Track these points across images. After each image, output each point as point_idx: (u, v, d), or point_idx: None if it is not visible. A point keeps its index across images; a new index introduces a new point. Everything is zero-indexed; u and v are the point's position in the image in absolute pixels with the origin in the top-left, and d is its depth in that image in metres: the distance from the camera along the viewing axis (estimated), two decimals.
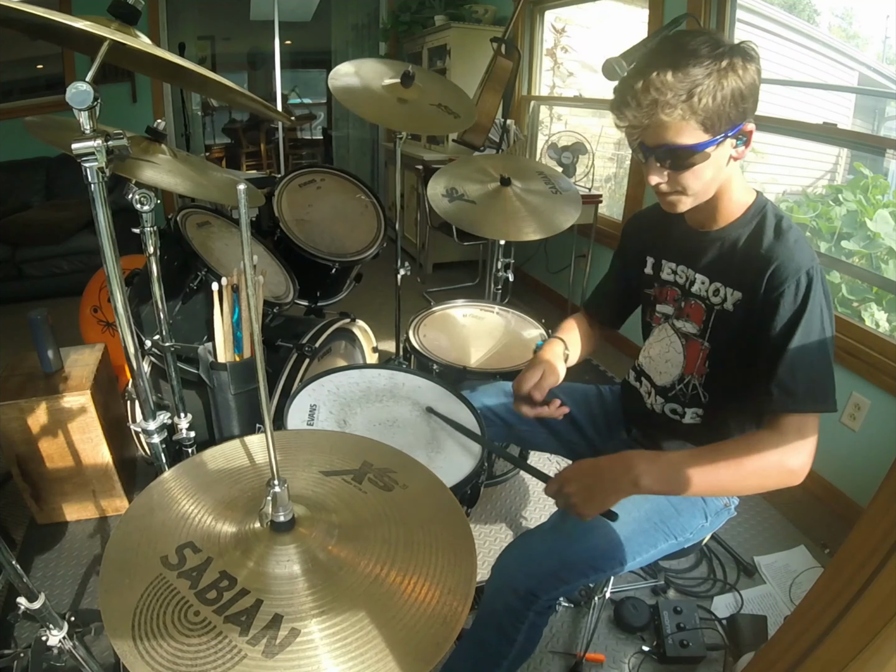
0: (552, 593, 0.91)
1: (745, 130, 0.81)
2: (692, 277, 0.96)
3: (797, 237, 0.84)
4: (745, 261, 0.87)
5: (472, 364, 1.57)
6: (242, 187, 0.46)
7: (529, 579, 0.90)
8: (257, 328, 0.53)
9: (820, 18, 2.26)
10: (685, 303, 0.98)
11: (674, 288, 1.00)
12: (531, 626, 0.92)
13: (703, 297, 0.94)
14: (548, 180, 1.77)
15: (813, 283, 0.80)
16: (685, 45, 0.77)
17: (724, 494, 0.98)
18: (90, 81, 0.66)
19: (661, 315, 1.04)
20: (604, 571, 0.95)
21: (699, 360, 0.96)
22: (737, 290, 0.89)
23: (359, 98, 1.63)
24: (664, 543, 0.98)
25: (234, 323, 1.33)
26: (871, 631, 0.56)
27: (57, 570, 1.51)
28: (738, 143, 0.82)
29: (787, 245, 0.83)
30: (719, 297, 0.91)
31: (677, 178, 0.84)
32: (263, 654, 0.47)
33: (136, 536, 0.58)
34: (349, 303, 1.96)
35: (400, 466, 0.70)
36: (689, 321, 0.97)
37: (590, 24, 3.37)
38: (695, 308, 0.96)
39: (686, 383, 1.00)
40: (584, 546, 0.94)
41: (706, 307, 0.94)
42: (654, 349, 1.06)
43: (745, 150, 0.84)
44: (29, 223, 3.20)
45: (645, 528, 0.96)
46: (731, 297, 0.90)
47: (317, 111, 6.76)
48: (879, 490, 0.62)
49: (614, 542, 0.94)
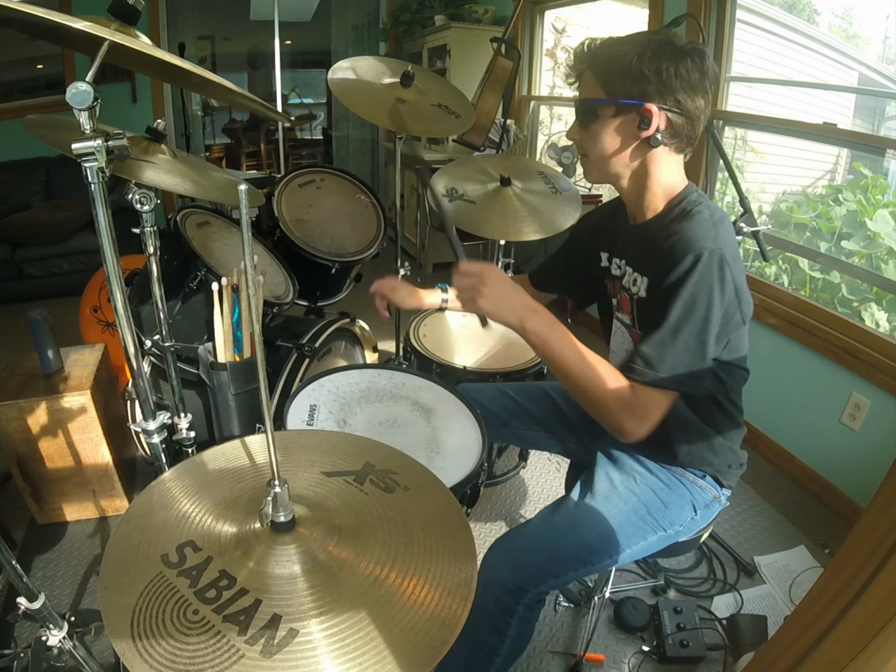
0: (540, 587, 0.92)
1: (646, 108, 0.81)
2: (624, 269, 0.98)
3: (702, 220, 0.82)
4: (652, 246, 0.87)
5: (472, 364, 1.57)
6: (243, 187, 0.47)
7: (517, 573, 0.91)
8: (257, 328, 0.53)
9: (820, 18, 2.26)
10: (620, 295, 0.99)
11: (617, 281, 1.01)
12: (521, 620, 0.93)
13: (626, 288, 0.96)
14: (548, 180, 1.77)
15: (700, 265, 0.77)
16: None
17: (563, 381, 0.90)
18: (90, 81, 0.66)
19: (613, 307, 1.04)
20: (592, 564, 0.96)
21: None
22: (644, 276, 0.90)
23: (358, 98, 1.63)
24: (653, 536, 0.99)
25: (234, 323, 1.33)
26: (871, 631, 0.56)
27: (57, 570, 1.51)
28: (641, 122, 0.82)
29: (684, 225, 0.82)
30: (636, 286, 0.93)
31: (584, 137, 0.90)
32: (261, 653, 0.47)
33: (137, 535, 0.58)
34: (349, 303, 1.96)
35: (401, 468, 0.70)
36: (624, 313, 0.99)
37: (590, 24, 3.37)
38: (624, 299, 0.98)
39: None
40: (571, 540, 0.95)
41: (629, 296, 0.95)
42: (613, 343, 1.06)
43: (652, 134, 0.83)
44: (29, 223, 3.20)
45: (632, 521, 0.97)
46: (641, 283, 0.91)
47: (317, 111, 6.76)
48: (879, 490, 0.62)
49: (602, 535, 0.95)
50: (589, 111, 0.87)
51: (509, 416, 1.23)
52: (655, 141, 0.84)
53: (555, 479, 1.92)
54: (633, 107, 0.82)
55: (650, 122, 0.82)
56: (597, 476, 1.03)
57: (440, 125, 1.74)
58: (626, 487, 1.01)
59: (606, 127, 0.86)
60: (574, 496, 1.02)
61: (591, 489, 1.01)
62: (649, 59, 0.80)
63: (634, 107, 0.82)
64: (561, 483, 1.88)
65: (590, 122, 0.88)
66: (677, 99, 0.81)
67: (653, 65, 0.80)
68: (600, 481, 1.02)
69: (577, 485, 1.04)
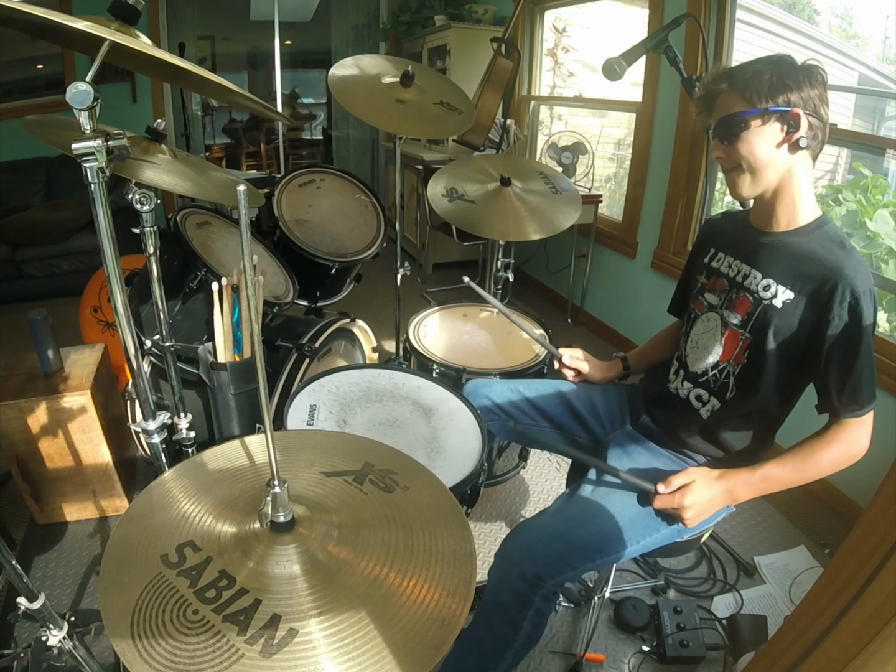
0: (558, 578, 0.93)
1: (793, 113, 0.88)
2: (746, 272, 1.01)
3: (861, 259, 0.91)
4: (805, 266, 0.92)
5: (472, 364, 1.57)
6: (242, 188, 0.47)
7: (536, 563, 0.92)
8: (257, 328, 0.53)
9: (820, 18, 2.26)
10: (734, 294, 1.02)
11: (723, 279, 1.06)
12: (536, 612, 0.93)
13: (752, 291, 0.99)
14: (548, 180, 1.77)
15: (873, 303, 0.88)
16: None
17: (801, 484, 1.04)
18: (90, 81, 0.66)
19: (706, 304, 1.08)
20: (609, 555, 0.97)
21: (738, 349, 1.01)
22: (790, 290, 0.94)
23: (358, 99, 1.62)
24: (666, 529, 1.00)
25: (234, 323, 1.34)
26: (871, 631, 0.56)
27: (57, 570, 1.51)
28: (788, 127, 0.89)
29: (853, 263, 0.89)
30: (770, 292, 0.96)
31: (731, 152, 0.94)
32: (261, 653, 0.47)
33: (137, 536, 0.58)
34: (349, 303, 1.96)
35: (401, 468, 0.70)
36: (733, 312, 1.02)
37: (590, 24, 3.37)
38: (742, 300, 1.01)
39: (720, 370, 1.04)
40: (590, 530, 0.96)
41: (754, 300, 0.99)
42: (698, 338, 1.09)
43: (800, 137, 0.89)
44: (29, 223, 3.20)
45: (648, 511, 0.99)
46: (781, 294, 0.95)
47: (317, 111, 6.76)
48: (879, 490, 0.62)
49: (619, 526, 0.97)
50: (737, 124, 0.92)
51: (517, 412, 1.24)
52: (804, 142, 0.90)
53: (555, 479, 1.92)
54: (782, 113, 0.89)
55: (798, 124, 0.89)
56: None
57: (441, 125, 1.73)
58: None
59: (757, 134, 0.91)
60: (587, 488, 1.03)
61: (605, 481, 1.03)
62: (787, 73, 0.89)
63: (783, 113, 0.89)
64: (561, 483, 1.88)
65: (738, 133, 0.92)
66: (815, 105, 0.89)
67: (791, 77, 0.88)
68: None
69: (590, 476, 1.05)
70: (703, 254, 1.13)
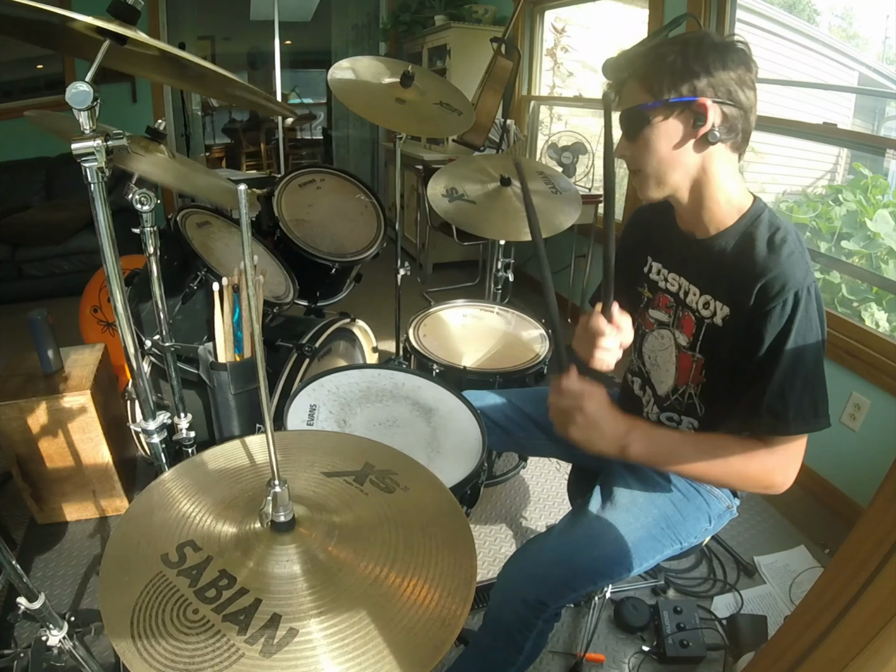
0: (560, 601, 0.91)
1: (700, 103, 0.77)
2: (686, 288, 0.93)
3: (791, 251, 0.79)
4: (734, 274, 0.83)
5: (472, 364, 1.57)
6: (243, 188, 0.46)
7: (539, 588, 0.90)
8: (257, 328, 0.53)
9: (820, 18, 2.26)
10: (680, 312, 0.95)
11: (667, 295, 0.98)
12: (539, 633, 0.93)
13: (693, 310, 0.91)
14: (548, 180, 1.77)
15: (802, 303, 0.77)
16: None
17: (698, 481, 0.97)
18: (90, 81, 0.66)
19: (654, 321, 1.01)
20: (611, 577, 0.95)
21: (693, 370, 0.94)
22: (726, 305, 0.86)
23: (358, 98, 1.63)
24: (669, 549, 0.98)
25: (234, 323, 1.34)
26: (871, 631, 0.56)
27: (57, 570, 1.51)
28: (696, 120, 0.78)
29: (778, 260, 0.79)
30: (709, 310, 0.88)
31: (635, 153, 0.84)
32: (261, 653, 0.47)
33: (137, 535, 0.58)
34: (349, 303, 1.96)
35: (401, 468, 0.70)
36: (682, 332, 0.94)
37: (590, 24, 3.37)
38: (686, 319, 0.93)
39: (681, 393, 0.97)
40: (594, 554, 0.93)
41: (696, 319, 0.91)
42: (655, 354, 1.03)
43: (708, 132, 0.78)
44: (29, 223, 3.20)
45: (653, 534, 0.96)
46: (720, 311, 0.87)
47: (317, 111, 6.76)
48: (879, 490, 0.62)
49: (623, 549, 0.93)
50: (638, 119, 0.81)
51: (512, 426, 1.19)
52: (714, 136, 0.78)
53: (555, 478, 1.92)
54: (686, 104, 0.78)
55: (706, 116, 0.77)
56: (616, 486, 1.00)
57: (440, 125, 1.74)
58: (646, 499, 0.98)
59: (659, 131, 0.81)
60: (593, 507, 0.99)
61: (611, 500, 0.99)
62: (693, 55, 0.77)
63: (687, 104, 0.78)
64: (561, 483, 1.88)
65: (639, 129, 0.82)
66: (729, 90, 0.77)
67: (698, 60, 0.76)
68: (620, 492, 0.99)
69: (596, 494, 1.01)
70: (640, 262, 1.03)
